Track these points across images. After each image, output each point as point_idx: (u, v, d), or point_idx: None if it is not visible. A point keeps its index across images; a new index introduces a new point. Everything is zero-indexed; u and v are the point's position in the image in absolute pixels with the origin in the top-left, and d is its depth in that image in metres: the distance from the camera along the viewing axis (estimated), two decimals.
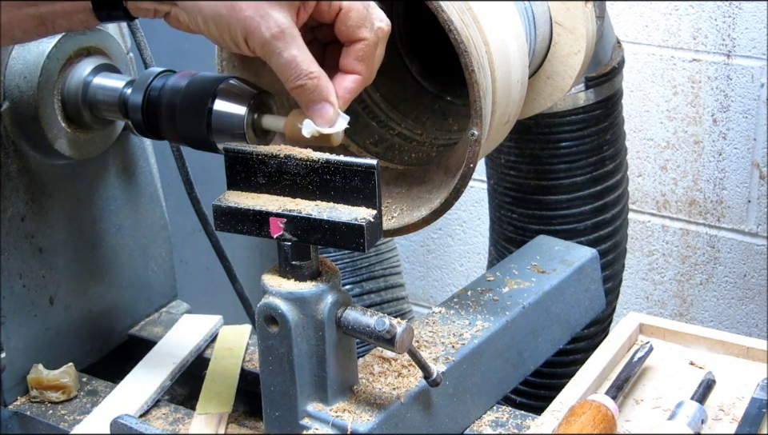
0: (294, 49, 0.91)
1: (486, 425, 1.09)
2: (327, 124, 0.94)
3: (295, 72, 0.92)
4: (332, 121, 0.94)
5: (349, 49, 0.95)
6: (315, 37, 1.01)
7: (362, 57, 0.95)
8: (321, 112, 0.94)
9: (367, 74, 0.96)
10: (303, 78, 0.92)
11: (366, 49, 0.95)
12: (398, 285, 2.09)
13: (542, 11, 1.28)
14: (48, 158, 1.19)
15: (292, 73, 0.92)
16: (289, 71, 0.92)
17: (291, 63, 0.92)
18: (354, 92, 0.96)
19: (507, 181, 1.59)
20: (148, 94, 1.08)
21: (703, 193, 2.16)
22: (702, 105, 2.10)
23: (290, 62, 0.92)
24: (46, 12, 0.93)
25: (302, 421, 0.96)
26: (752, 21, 2.00)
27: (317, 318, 0.93)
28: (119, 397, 1.18)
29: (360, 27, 0.94)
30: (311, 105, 0.94)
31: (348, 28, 0.94)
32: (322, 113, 0.94)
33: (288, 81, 0.93)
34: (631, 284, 2.31)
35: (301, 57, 0.92)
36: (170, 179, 1.48)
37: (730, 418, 1.05)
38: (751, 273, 2.17)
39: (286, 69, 0.92)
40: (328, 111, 0.94)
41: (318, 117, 0.94)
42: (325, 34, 1.00)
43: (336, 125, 0.94)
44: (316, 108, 0.94)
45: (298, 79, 0.92)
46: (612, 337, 1.17)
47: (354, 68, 0.95)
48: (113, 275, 1.31)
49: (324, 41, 1.01)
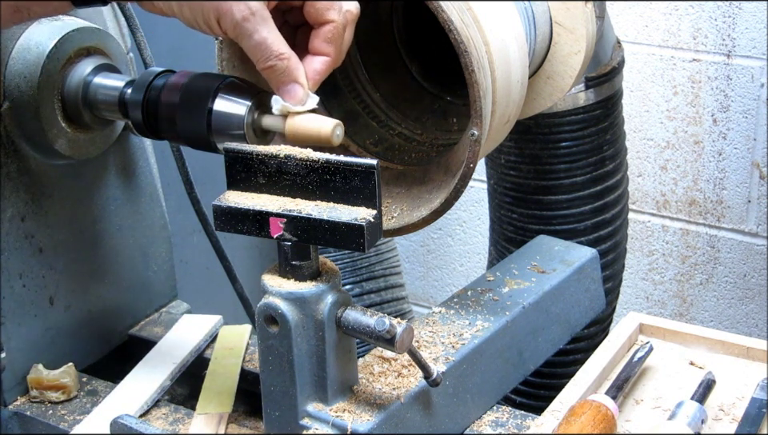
0: (264, 31, 0.94)
1: (486, 425, 1.09)
2: (297, 103, 0.97)
3: (266, 53, 0.94)
4: (302, 101, 0.97)
5: (317, 31, 0.97)
6: (286, 21, 1.03)
7: (330, 39, 0.97)
8: (291, 92, 0.96)
9: (336, 56, 0.98)
10: (273, 59, 0.95)
11: (334, 31, 0.97)
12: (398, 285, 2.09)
13: (542, 11, 1.28)
14: (48, 158, 1.19)
15: (263, 54, 0.95)
16: (259, 52, 0.94)
17: (262, 44, 0.94)
18: (323, 73, 0.98)
19: (507, 181, 1.59)
20: (148, 94, 1.08)
21: (703, 193, 2.16)
22: (702, 105, 2.10)
23: (260, 44, 0.94)
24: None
25: (302, 421, 0.96)
26: (752, 21, 2.00)
27: (317, 318, 0.93)
28: (119, 397, 1.18)
29: (328, 9, 0.96)
30: (281, 85, 0.96)
31: (316, 10, 0.96)
32: (292, 93, 0.96)
33: (259, 61, 0.95)
34: (631, 284, 2.31)
35: (271, 38, 0.94)
36: (170, 179, 1.48)
37: (730, 418, 1.05)
38: (751, 273, 2.17)
39: (257, 50, 0.94)
40: (297, 91, 0.96)
41: (288, 97, 0.97)
42: (295, 17, 1.02)
43: (306, 105, 0.97)
44: (286, 88, 0.96)
45: (268, 60, 0.95)
46: (612, 337, 1.17)
47: (322, 49, 0.98)
48: (113, 275, 1.31)
49: (295, 24, 1.03)
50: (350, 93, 1.26)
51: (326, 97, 1.21)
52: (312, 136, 0.96)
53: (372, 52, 1.27)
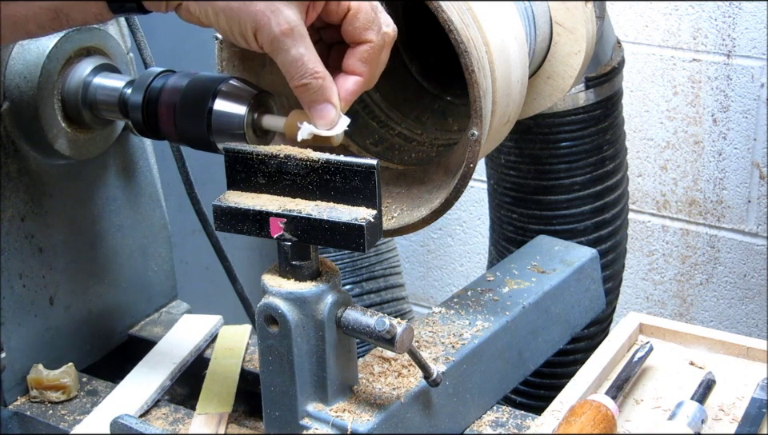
0: (301, 48, 0.92)
1: (486, 425, 1.09)
2: (328, 125, 0.94)
3: (301, 70, 0.92)
4: (333, 123, 0.94)
5: (354, 50, 0.95)
6: (321, 38, 1.01)
7: (366, 59, 0.95)
8: (323, 112, 0.94)
9: (369, 77, 0.96)
10: (308, 77, 0.92)
11: (371, 51, 0.95)
12: (398, 285, 2.09)
13: (542, 11, 1.28)
14: (48, 158, 1.19)
15: (298, 71, 0.92)
16: (295, 69, 0.92)
17: (298, 61, 0.92)
18: (355, 94, 0.96)
19: (507, 181, 1.59)
20: (148, 94, 1.08)
21: (703, 193, 2.16)
22: (702, 105, 2.10)
23: (296, 60, 0.92)
24: (60, 5, 0.93)
25: (302, 421, 0.96)
26: (752, 21, 2.00)
27: (317, 318, 0.93)
28: (119, 397, 1.18)
29: (367, 29, 0.94)
30: (314, 105, 0.94)
31: (355, 29, 0.94)
32: (324, 113, 0.94)
33: (293, 78, 0.93)
34: (631, 284, 2.31)
35: (308, 55, 0.92)
36: (170, 179, 1.48)
37: (730, 418, 1.05)
38: (751, 273, 2.17)
39: (292, 66, 0.92)
40: (330, 112, 0.94)
41: (320, 117, 0.94)
42: (331, 35, 1.00)
43: (336, 127, 0.94)
44: (318, 108, 0.94)
45: (303, 78, 0.92)
46: (612, 337, 1.17)
47: (356, 69, 0.95)
48: (113, 275, 1.31)
49: (329, 42, 1.01)
50: None
51: None
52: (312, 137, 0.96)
53: None
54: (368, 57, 0.95)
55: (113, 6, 0.94)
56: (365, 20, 0.94)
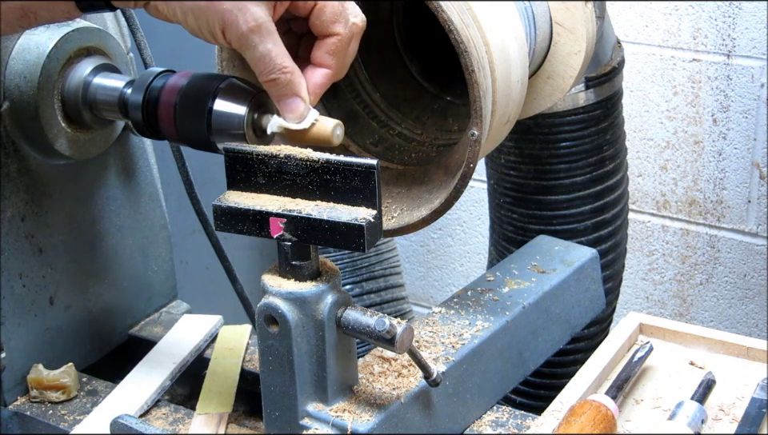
0: (269, 44, 0.93)
1: (486, 425, 1.09)
2: (297, 119, 0.96)
3: (269, 66, 0.93)
4: (302, 116, 0.96)
5: (321, 42, 0.96)
6: (290, 29, 1.02)
7: (333, 52, 0.96)
8: (291, 106, 0.96)
9: (338, 69, 0.97)
10: (276, 72, 0.94)
11: (338, 43, 0.96)
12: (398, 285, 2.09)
13: (542, 11, 1.28)
14: (48, 158, 1.19)
15: (266, 66, 0.94)
16: (263, 65, 0.94)
17: (266, 57, 0.93)
18: (324, 87, 0.97)
19: (507, 181, 1.59)
20: (148, 94, 1.08)
21: (703, 193, 2.16)
22: (702, 105, 2.10)
23: (264, 56, 0.93)
24: (27, 4, 0.94)
25: (302, 421, 0.96)
26: (752, 21, 2.00)
27: (317, 318, 0.93)
28: (119, 397, 1.18)
29: (334, 22, 0.95)
30: (282, 99, 0.95)
31: (322, 23, 0.95)
32: (292, 107, 0.96)
33: (261, 74, 0.94)
34: (631, 284, 2.31)
35: (275, 51, 0.93)
36: (170, 179, 1.48)
37: (730, 418, 1.05)
38: (751, 273, 2.17)
39: (261, 62, 0.94)
40: (298, 106, 0.95)
41: (289, 111, 0.96)
42: (300, 26, 1.01)
43: (305, 121, 0.96)
44: (287, 102, 0.95)
45: (271, 73, 0.94)
46: (612, 337, 1.17)
47: (325, 62, 0.97)
48: (113, 275, 1.31)
49: (299, 32, 1.02)
50: (349, 94, 1.26)
51: (326, 97, 1.21)
52: (312, 136, 0.96)
53: (372, 52, 1.27)
54: (336, 49, 0.96)
55: (81, 4, 0.95)
56: (331, 13, 0.95)
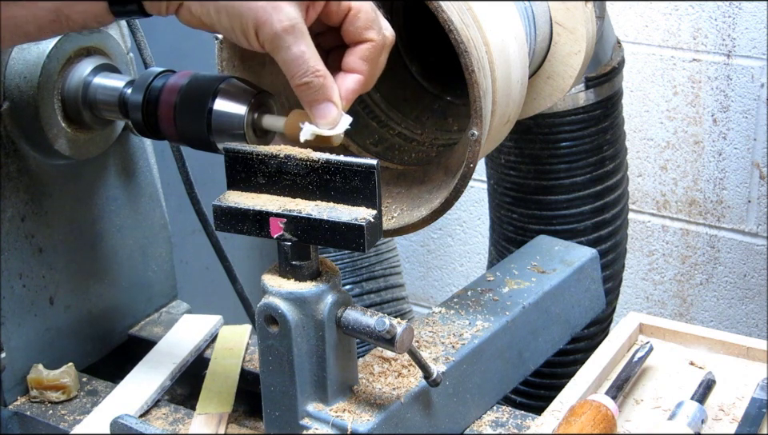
0: (302, 45, 0.91)
1: (486, 425, 1.09)
2: (330, 125, 0.93)
3: (302, 68, 0.91)
4: (335, 122, 0.93)
5: (354, 49, 0.95)
6: (318, 44, 1.00)
7: (366, 57, 0.94)
8: (324, 112, 0.93)
9: (369, 76, 0.96)
10: (310, 75, 0.91)
11: (372, 49, 0.94)
12: (398, 285, 2.09)
13: (542, 11, 1.28)
14: (48, 158, 1.19)
15: (299, 69, 0.91)
16: (296, 67, 0.91)
17: (299, 59, 0.91)
18: (356, 93, 0.95)
19: (507, 181, 1.59)
20: (148, 94, 1.08)
21: (703, 193, 2.16)
22: (702, 105, 2.10)
23: (298, 58, 0.91)
24: (61, 5, 0.92)
25: (302, 421, 0.96)
26: (752, 21, 2.00)
27: (317, 318, 0.93)
28: (119, 397, 1.18)
29: (368, 29, 0.94)
30: (315, 104, 0.93)
31: (356, 29, 0.94)
32: (326, 112, 0.93)
33: (294, 77, 0.92)
34: (631, 284, 2.31)
35: (309, 53, 0.91)
36: (170, 179, 1.48)
37: (730, 418, 1.05)
38: (751, 273, 2.17)
39: (294, 64, 0.91)
40: (332, 111, 0.93)
41: (321, 117, 0.93)
42: (328, 41, 0.99)
43: (338, 127, 0.94)
44: (320, 107, 0.93)
45: (304, 76, 0.91)
46: (612, 337, 1.17)
47: (357, 67, 0.95)
48: (113, 275, 1.31)
49: (326, 48, 1.00)
50: None
51: None
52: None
53: None
54: (369, 55, 0.94)
55: (114, 8, 0.93)
56: (366, 19, 0.93)
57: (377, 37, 0.94)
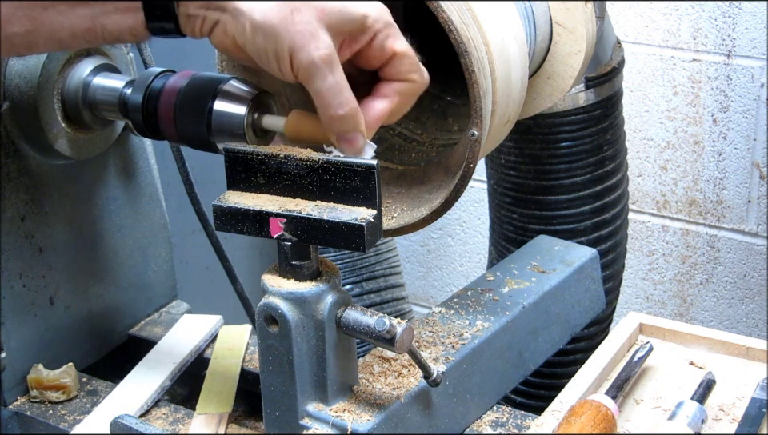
0: (338, 75, 0.89)
1: (486, 425, 1.09)
2: (356, 153, 0.93)
3: (338, 98, 0.89)
4: (361, 151, 0.93)
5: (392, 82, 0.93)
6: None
7: (402, 93, 0.94)
8: (353, 142, 0.92)
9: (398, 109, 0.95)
10: (346, 107, 0.90)
11: (411, 88, 0.94)
12: (398, 285, 2.09)
13: (542, 11, 1.28)
14: (48, 158, 1.19)
15: (335, 99, 0.89)
16: (331, 97, 0.89)
17: (334, 88, 0.89)
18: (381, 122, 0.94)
19: (507, 181, 1.59)
20: (148, 94, 1.08)
21: (703, 193, 2.16)
22: (702, 105, 2.10)
23: (333, 88, 0.89)
24: (99, 14, 0.90)
25: (302, 421, 0.96)
26: (752, 21, 2.00)
27: (317, 318, 0.93)
28: (119, 397, 1.18)
29: (412, 72, 0.93)
30: (344, 134, 0.92)
31: (399, 72, 0.93)
32: (354, 143, 0.92)
33: (330, 107, 0.90)
34: (631, 284, 2.31)
35: (344, 84, 0.89)
36: (170, 179, 1.48)
37: (730, 418, 1.05)
38: (751, 273, 2.17)
39: (329, 94, 0.89)
40: (360, 141, 0.92)
41: (350, 146, 0.92)
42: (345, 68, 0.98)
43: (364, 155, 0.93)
44: (349, 138, 0.92)
45: (340, 107, 0.90)
46: (612, 337, 1.17)
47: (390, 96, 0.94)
48: (113, 275, 1.31)
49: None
50: None
51: None
52: (312, 136, 0.96)
53: None
54: (406, 91, 0.94)
55: (151, 24, 0.91)
56: (410, 63, 0.93)
57: (419, 79, 0.94)
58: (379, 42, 0.92)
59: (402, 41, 0.93)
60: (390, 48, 0.92)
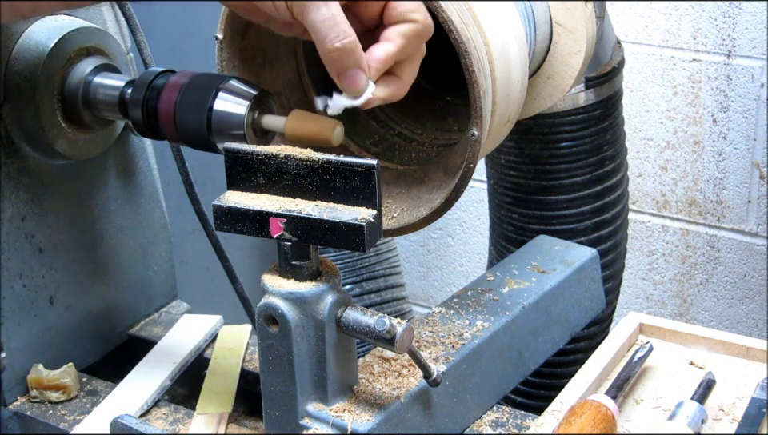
0: (333, 8, 0.85)
1: (486, 425, 1.09)
2: (358, 93, 0.90)
3: (335, 30, 0.85)
4: (363, 91, 0.89)
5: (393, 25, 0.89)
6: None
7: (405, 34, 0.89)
8: (354, 79, 0.88)
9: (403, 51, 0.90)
10: (342, 39, 0.86)
11: (413, 28, 0.90)
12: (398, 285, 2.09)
13: (542, 11, 1.28)
14: (48, 158, 1.19)
15: (331, 31, 0.85)
16: (328, 29, 0.85)
17: (331, 21, 0.85)
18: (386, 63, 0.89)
19: (507, 181, 1.59)
20: (148, 94, 1.08)
21: (703, 193, 2.16)
22: (702, 105, 2.10)
23: (329, 20, 0.85)
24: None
25: (302, 421, 0.96)
26: (752, 21, 2.00)
27: (317, 318, 0.93)
28: (119, 397, 1.18)
29: (412, 12, 0.89)
30: (345, 71, 0.88)
31: (399, 13, 0.89)
32: (355, 80, 0.88)
33: (326, 40, 0.86)
34: (631, 284, 2.31)
35: (341, 16, 0.86)
36: (170, 179, 1.48)
37: (730, 418, 1.05)
38: (751, 273, 2.17)
39: (325, 26, 0.85)
40: (361, 78, 0.88)
41: (351, 83, 0.88)
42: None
43: (363, 96, 0.90)
44: (349, 74, 0.88)
45: (336, 39, 0.85)
46: (612, 337, 1.17)
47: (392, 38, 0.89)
48: (113, 275, 1.31)
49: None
50: None
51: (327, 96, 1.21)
52: (312, 136, 0.96)
53: None
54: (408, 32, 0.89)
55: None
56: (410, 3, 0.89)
57: (421, 18, 0.89)
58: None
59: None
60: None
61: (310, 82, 1.17)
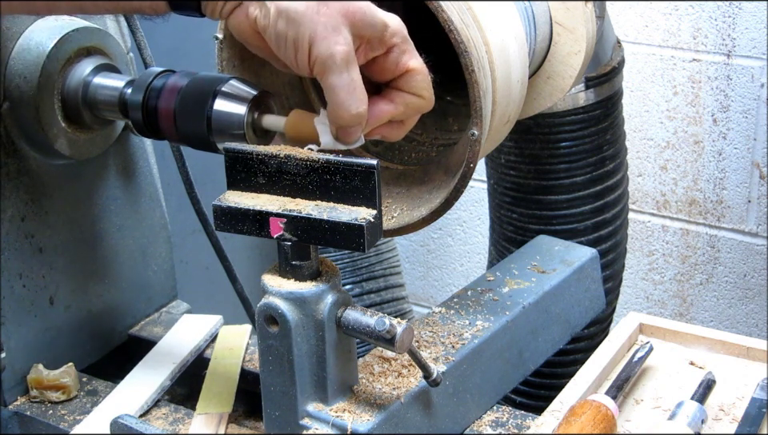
0: (354, 73, 0.89)
1: (486, 425, 1.09)
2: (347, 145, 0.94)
3: (353, 97, 0.89)
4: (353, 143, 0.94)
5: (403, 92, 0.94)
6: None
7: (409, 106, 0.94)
8: (353, 135, 0.93)
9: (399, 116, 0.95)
10: (359, 108, 0.90)
11: (418, 103, 0.95)
12: (398, 285, 2.09)
13: (542, 11, 1.28)
14: (48, 158, 1.19)
15: (350, 97, 0.89)
16: (347, 95, 0.89)
17: (351, 86, 0.89)
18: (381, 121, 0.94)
19: (507, 181, 1.59)
20: (148, 94, 1.08)
21: (703, 193, 2.16)
22: (702, 105, 2.10)
23: (349, 85, 0.89)
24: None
25: (302, 421, 0.96)
26: (752, 21, 2.00)
27: (317, 318, 0.93)
28: (119, 397, 1.18)
29: (424, 89, 0.94)
30: (349, 129, 0.92)
31: (411, 87, 0.93)
32: (354, 136, 0.93)
33: (343, 105, 0.90)
34: (631, 284, 2.31)
35: (359, 82, 0.89)
36: (170, 179, 1.48)
37: (730, 418, 1.05)
38: (751, 273, 2.17)
39: (344, 91, 0.89)
40: (358, 133, 0.93)
41: (348, 137, 0.93)
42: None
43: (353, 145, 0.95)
44: (350, 131, 0.92)
45: (354, 107, 0.90)
46: (612, 337, 1.17)
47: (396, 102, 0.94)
48: (113, 275, 1.31)
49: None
50: None
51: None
52: (312, 136, 0.96)
53: None
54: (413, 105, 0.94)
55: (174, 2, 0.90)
56: (423, 80, 0.94)
57: (428, 97, 0.95)
58: (395, 56, 0.92)
59: (417, 59, 0.94)
60: (404, 64, 0.93)
61: (310, 83, 1.17)
